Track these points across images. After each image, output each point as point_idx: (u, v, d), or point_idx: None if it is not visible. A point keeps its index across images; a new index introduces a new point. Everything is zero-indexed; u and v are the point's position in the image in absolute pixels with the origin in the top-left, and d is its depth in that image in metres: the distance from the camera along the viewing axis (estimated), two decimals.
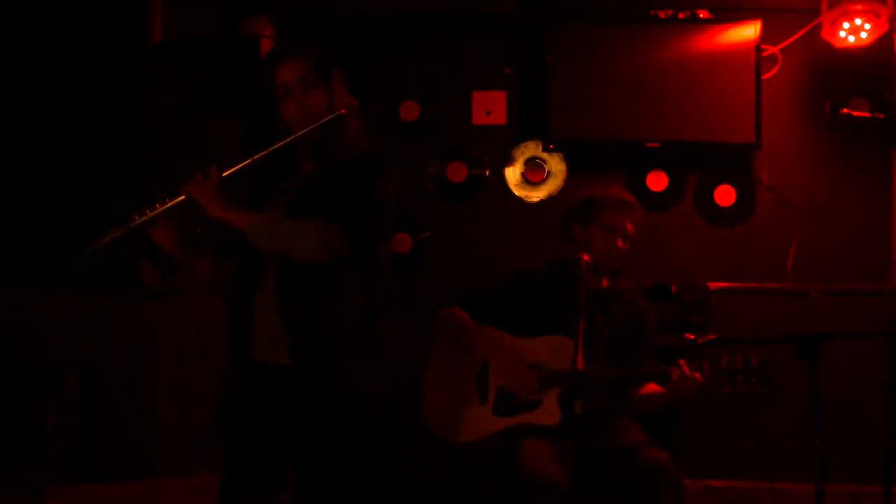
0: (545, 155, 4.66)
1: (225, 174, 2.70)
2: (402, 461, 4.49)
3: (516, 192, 4.69)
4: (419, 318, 3.71)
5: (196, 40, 3.94)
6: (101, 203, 3.97)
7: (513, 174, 4.69)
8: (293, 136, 2.72)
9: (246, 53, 3.82)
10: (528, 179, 4.67)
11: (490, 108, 4.69)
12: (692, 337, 3.84)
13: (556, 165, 4.67)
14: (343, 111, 2.74)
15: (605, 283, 3.65)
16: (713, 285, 4.38)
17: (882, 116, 4.29)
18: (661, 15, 4.51)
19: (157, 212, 2.71)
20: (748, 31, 4.45)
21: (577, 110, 4.55)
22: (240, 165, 2.71)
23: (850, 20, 4.35)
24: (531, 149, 4.68)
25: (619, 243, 3.54)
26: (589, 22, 4.58)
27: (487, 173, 4.71)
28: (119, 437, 4.04)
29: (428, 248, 4.71)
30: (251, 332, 2.76)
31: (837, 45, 4.39)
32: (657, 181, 4.62)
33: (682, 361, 3.22)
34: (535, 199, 4.67)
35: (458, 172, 4.72)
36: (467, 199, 4.72)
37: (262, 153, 2.71)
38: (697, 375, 3.19)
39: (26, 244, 4.11)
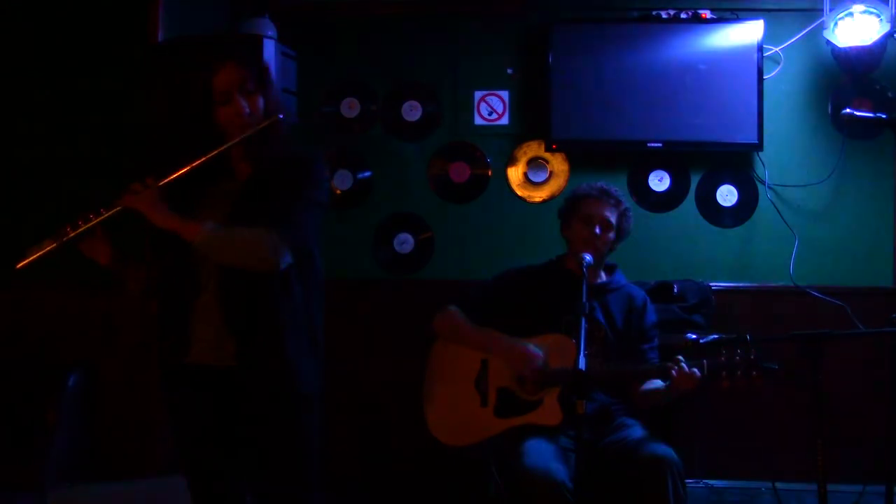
0: (548, 155, 4.65)
1: (162, 183, 2.67)
2: (403, 461, 4.49)
3: (519, 193, 4.69)
4: (420, 320, 3.71)
5: (196, 40, 3.93)
6: (101, 202, 3.97)
7: (515, 174, 4.69)
8: (233, 142, 2.71)
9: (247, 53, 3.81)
10: (531, 179, 4.66)
11: (492, 108, 4.69)
12: (694, 336, 3.84)
13: (558, 165, 4.66)
14: (280, 115, 2.75)
15: (601, 278, 3.65)
16: (715, 285, 4.38)
17: (884, 116, 4.28)
18: (664, 15, 4.51)
19: (90, 224, 2.69)
20: (750, 31, 4.45)
21: (579, 110, 4.54)
22: (178, 173, 2.68)
23: (853, 20, 4.35)
24: (534, 149, 4.67)
25: (601, 231, 3.53)
26: (591, 22, 4.58)
27: (490, 173, 4.70)
28: (119, 436, 4.05)
29: (430, 248, 4.71)
30: (188, 335, 2.72)
31: (840, 44, 4.39)
32: (659, 181, 4.61)
33: (681, 357, 3.22)
34: (538, 200, 4.66)
35: (460, 172, 4.71)
36: (470, 200, 4.71)
37: (202, 159, 2.68)
38: (697, 371, 3.18)
39: (26, 244, 4.11)
